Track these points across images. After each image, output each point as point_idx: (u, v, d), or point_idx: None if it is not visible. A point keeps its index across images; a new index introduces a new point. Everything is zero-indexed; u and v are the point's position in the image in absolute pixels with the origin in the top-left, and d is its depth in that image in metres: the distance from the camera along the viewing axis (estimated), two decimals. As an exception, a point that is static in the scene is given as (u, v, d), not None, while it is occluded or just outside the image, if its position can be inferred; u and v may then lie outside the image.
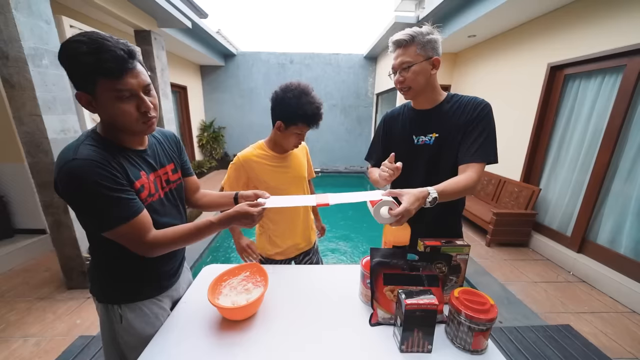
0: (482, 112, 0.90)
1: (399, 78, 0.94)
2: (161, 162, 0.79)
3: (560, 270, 2.45)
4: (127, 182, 0.65)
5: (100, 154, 0.61)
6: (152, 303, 0.80)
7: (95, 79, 0.57)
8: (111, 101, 0.60)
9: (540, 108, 2.82)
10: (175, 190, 0.84)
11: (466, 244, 0.82)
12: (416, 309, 0.65)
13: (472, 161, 0.89)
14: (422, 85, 0.93)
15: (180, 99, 5.85)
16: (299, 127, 1.06)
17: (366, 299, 0.86)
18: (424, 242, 0.82)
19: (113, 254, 0.71)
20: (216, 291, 0.81)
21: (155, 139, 0.81)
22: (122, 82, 0.59)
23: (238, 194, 0.89)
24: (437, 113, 0.97)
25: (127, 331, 0.75)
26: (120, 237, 0.65)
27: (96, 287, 0.76)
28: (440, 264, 0.78)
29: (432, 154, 0.98)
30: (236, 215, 0.73)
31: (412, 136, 1.01)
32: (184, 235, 0.71)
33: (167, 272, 0.84)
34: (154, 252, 0.69)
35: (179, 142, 0.91)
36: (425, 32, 0.90)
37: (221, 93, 6.65)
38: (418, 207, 0.75)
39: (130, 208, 0.64)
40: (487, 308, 0.67)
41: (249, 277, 0.89)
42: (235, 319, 0.77)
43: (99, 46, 0.56)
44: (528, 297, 2.06)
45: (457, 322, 0.69)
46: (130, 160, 0.69)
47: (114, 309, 0.75)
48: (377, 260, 0.79)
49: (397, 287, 0.77)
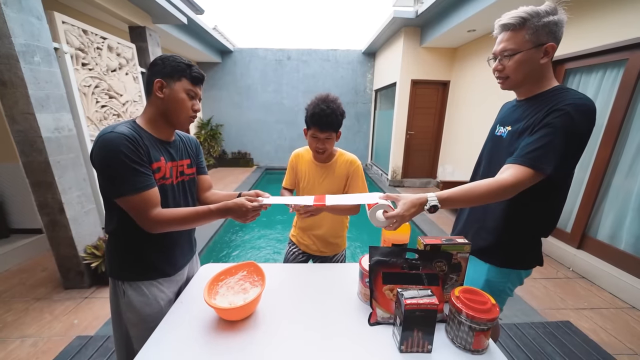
0: (558, 113, 0.73)
1: (497, 66, 0.82)
2: (180, 155, 0.92)
3: (559, 267, 2.45)
4: (147, 160, 0.77)
5: (132, 133, 0.75)
6: (152, 285, 0.86)
7: (181, 77, 0.80)
8: (182, 94, 0.81)
9: None
10: (187, 183, 0.94)
11: (466, 242, 0.81)
12: (416, 309, 0.64)
13: (515, 162, 0.76)
14: (523, 77, 0.81)
15: None
16: (312, 130, 1.14)
17: (365, 298, 0.85)
18: (424, 241, 0.81)
19: (124, 230, 0.81)
20: (213, 291, 0.81)
21: (179, 138, 0.95)
22: (195, 88, 0.84)
23: (242, 193, 0.92)
24: (525, 105, 0.85)
25: (128, 306, 0.84)
26: (130, 206, 0.74)
27: (109, 261, 0.87)
28: (441, 262, 0.77)
29: (500, 148, 0.89)
30: (233, 206, 0.81)
31: (497, 125, 0.95)
32: (184, 217, 0.79)
33: (170, 260, 0.90)
34: (157, 227, 0.77)
35: (199, 145, 1.05)
36: (543, 12, 0.74)
37: (218, 90, 6.61)
38: (414, 213, 0.75)
39: (143, 181, 0.74)
40: (488, 307, 0.66)
41: (246, 277, 0.89)
42: (232, 319, 0.77)
43: (192, 65, 0.83)
44: (527, 294, 2.06)
45: (458, 321, 0.68)
46: (155, 146, 0.82)
47: (119, 284, 0.84)
48: (376, 259, 0.78)
49: (396, 286, 0.76)
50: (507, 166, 0.78)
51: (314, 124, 1.11)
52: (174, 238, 0.89)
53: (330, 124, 1.10)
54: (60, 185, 1.87)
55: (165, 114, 0.82)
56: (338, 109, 1.11)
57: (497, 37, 0.83)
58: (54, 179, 1.83)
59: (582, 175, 2.47)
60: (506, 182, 0.74)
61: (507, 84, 0.85)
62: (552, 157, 0.73)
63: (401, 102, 4.76)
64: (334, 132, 1.14)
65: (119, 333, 0.87)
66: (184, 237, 0.95)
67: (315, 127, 1.11)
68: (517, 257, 0.90)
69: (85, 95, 2.27)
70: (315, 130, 1.12)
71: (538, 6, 0.76)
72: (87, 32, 2.29)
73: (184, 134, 1.00)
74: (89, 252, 2.04)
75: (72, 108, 2.10)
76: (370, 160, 6.92)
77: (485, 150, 0.98)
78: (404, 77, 4.63)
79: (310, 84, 6.50)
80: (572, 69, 2.58)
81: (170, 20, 3.45)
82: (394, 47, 4.94)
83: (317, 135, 1.13)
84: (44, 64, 1.76)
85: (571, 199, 2.57)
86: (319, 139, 1.13)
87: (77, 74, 2.19)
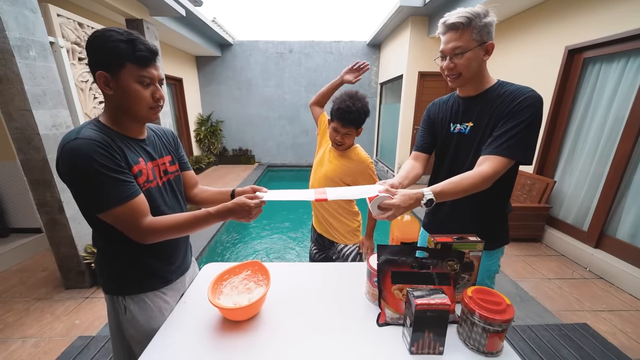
0: (523, 102, 0.83)
1: (449, 64, 0.89)
2: (159, 152, 0.85)
3: (575, 267, 2.42)
4: (125, 165, 0.70)
5: (101, 137, 0.68)
6: (155, 296, 0.82)
7: (124, 63, 0.67)
8: (132, 84, 0.69)
9: (556, 95, 2.75)
10: (173, 181, 0.88)
11: (479, 240, 0.80)
12: (427, 309, 0.64)
13: (492, 154, 0.84)
14: (473, 73, 0.89)
15: (176, 92, 5.83)
16: (334, 123, 1.22)
17: (373, 298, 0.85)
18: (435, 239, 0.81)
19: (116, 243, 0.75)
20: (217, 291, 0.81)
21: (153, 132, 0.87)
22: (147, 71, 0.70)
23: (235, 190, 0.92)
24: (479, 101, 0.93)
25: (131, 324, 0.79)
26: (116, 220, 0.68)
27: (102, 278, 0.81)
28: (452, 261, 0.77)
29: (465, 144, 0.96)
30: (234, 207, 0.76)
31: (450, 124, 1.01)
32: (180, 224, 0.74)
33: (171, 265, 0.87)
34: (149, 238, 0.72)
35: (176, 137, 0.97)
36: (482, 13, 0.83)
37: (218, 85, 6.62)
38: (411, 206, 0.79)
39: (127, 190, 0.68)
40: (503, 308, 0.66)
41: (250, 276, 0.89)
42: (237, 319, 0.77)
43: (134, 38, 0.68)
44: (541, 295, 2.05)
45: (471, 322, 0.68)
46: (130, 147, 0.75)
47: (119, 300, 0.79)
48: (384, 258, 0.78)
49: (405, 285, 0.76)
50: (484, 158, 0.86)
51: (338, 118, 1.19)
52: (171, 239, 0.81)
53: (353, 121, 1.19)
54: (59, 183, 1.89)
55: (124, 110, 0.73)
56: (363, 108, 1.20)
57: (442, 36, 0.90)
58: (52, 177, 1.86)
59: (600, 169, 2.42)
60: (487, 173, 0.82)
61: (458, 82, 0.92)
62: (526, 145, 0.84)
63: (408, 95, 4.72)
64: (355, 129, 1.24)
65: (121, 354, 0.82)
66: (182, 239, 0.91)
67: (338, 121, 1.20)
68: (497, 235, 1.00)
69: (83, 91, 2.29)
70: (338, 124, 1.21)
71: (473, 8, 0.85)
72: (82, 25, 2.30)
73: (157, 126, 0.92)
74: (90, 252, 2.08)
75: (70, 104, 2.13)
76: (376, 156, 6.89)
77: (445, 147, 1.04)
78: (410, 69, 4.58)
79: (313, 78, 6.46)
80: (590, 58, 2.52)
81: (168, 13, 3.44)
82: (400, 38, 4.88)
83: (339, 129, 1.22)
84: (39, 59, 1.78)
85: (588, 196, 2.53)
86: (339, 132, 1.23)
87: (74, 68, 2.20)
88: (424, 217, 1.18)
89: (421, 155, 1.09)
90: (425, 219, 1.18)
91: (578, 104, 2.65)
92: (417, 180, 1.03)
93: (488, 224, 0.99)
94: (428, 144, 1.09)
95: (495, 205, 0.98)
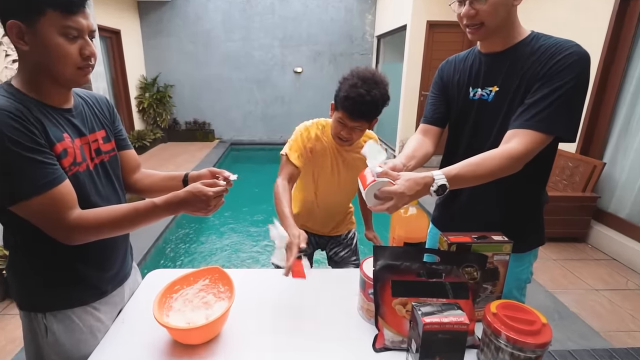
0: (564, 60, 0.78)
1: (469, 11, 0.83)
2: (90, 126, 0.82)
3: (630, 274, 2.40)
4: (45, 143, 0.66)
5: (14, 105, 0.63)
6: (85, 313, 0.79)
7: (43, 10, 0.62)
8: (55, 37, 0.64)
9: (605, 54, 2.68)
10: (108, 163, 0.85)
11: (506, 240, 0.78)
12: (438, 330, 0.62)
13: (523, 127, 0.80)
14: (500, 22, 0.84)
15: (112, 48, 5.58)
16: (340, 114, 1.10)
17: (368, 314, 0.84)
18: (448, 238, 0.78)
19: (34, 245, 0.73)
20: (165, 306, 0.79)
21: (82, 100, 0.83)
22: (73, 20, 0.65)
23: (188, 175, 0.90)
24: (507, 58, 0.89)
25: (54, 349, 0.76)
26: (33, 213, 0.65)
27: (16, 289, 0.77)
28: (471, 267, 0.74)
29: (488, 114, 0.92)
30: (187, 196, 0.74)
31: (469, 88, 0.97)
32: (117, 219, 0.72)
33: (106, 272, 0.84)
34: (77, 237, 0.69)
35: (112, 107, 0.94)
36: None
37: (166, 37, 6.34)
38: (417, 194, 0.75)
39: (48, 175, 0.65)
40: (537, 329, 0.62)
41: (208, 286, 0.88)
42: (191, 343, 0.76)
43: None
44: (587, 310, 2.02)
45: (496, 347, 0.65)
46: (52, 119, 0.71)
47: (38, 318, 0.75)
48: (383, 263, 0.74)
49: (410, 299, 0.74)
50: (513, 132, 0.82)
51: (345, 109, 1.06)
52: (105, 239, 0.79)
53: (365, 114, 1.08)
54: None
55: (44, 71, 0.68)
56: (382, 98, 1.07)
57: None
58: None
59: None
60: (516, 153, 0.78)
61: (480, 33, 0.87)
62: (569, 117, 0.80)
63: (413, 52, 4.61)
64: (368, 123, 1.12)
65: None
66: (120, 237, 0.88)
67: (346, 112, 1.07)
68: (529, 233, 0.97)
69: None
70: (345, 116, 1.08)
71: None
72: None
73: (87, 92, 0.89)
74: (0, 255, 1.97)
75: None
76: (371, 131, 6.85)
77: (462, 119, 1.00)
78: (417, 17, 4.47)
79: (289, 30, 6.29)
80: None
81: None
82: (404, -24, 4.77)
83: (346, 123, 1.10)
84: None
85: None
86: (345, 125, 1.10)
87: None
88: (434, 209, 1.17)
89: (431, 128, 1.06)
90: (435, 212, 1.16)
91: (634, 64, 2.56)
92: (426, 161, 1.00)
93: (518, 218, 0.96)
94: (440, 115, 1.06)
95: (527, 193, 0.95)
